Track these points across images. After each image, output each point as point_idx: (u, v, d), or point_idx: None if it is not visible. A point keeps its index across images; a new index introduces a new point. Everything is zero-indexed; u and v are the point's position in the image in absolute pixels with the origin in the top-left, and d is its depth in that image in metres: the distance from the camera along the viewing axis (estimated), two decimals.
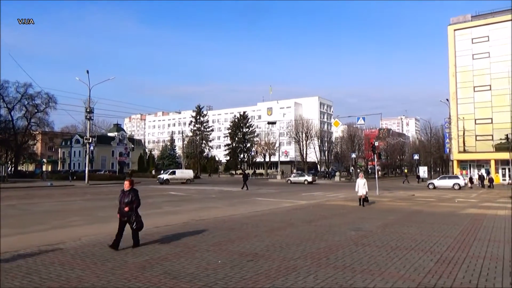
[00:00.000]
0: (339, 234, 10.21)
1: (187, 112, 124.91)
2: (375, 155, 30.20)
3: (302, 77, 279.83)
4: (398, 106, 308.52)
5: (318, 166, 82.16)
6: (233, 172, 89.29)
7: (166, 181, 44.09)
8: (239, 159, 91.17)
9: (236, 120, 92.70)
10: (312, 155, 77.05)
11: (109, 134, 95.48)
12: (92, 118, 42.66)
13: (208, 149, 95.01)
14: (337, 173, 63.74)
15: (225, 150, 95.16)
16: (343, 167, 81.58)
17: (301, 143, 73.15)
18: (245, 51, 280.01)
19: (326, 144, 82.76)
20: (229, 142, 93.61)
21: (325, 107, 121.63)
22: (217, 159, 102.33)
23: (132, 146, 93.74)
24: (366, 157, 78.57)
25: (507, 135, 46.55)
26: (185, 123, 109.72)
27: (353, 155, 63.76)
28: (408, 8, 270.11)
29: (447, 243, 9.16)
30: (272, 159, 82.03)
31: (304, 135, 73.14)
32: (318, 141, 77.33)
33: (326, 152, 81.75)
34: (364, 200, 18.06)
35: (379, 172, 71.98)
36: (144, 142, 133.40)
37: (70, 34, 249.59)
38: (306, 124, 75.13)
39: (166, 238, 9.47)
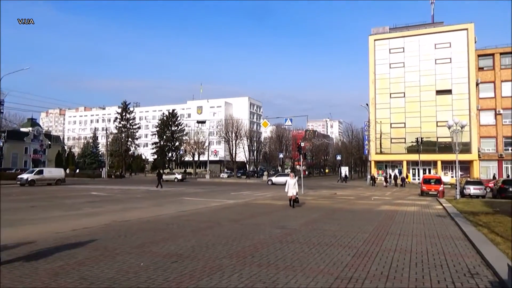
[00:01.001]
0: (265, 233, 10.41)
1: (112, 108, 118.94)
2: (301, 155, 31.37)
3: (233, 77, 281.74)
4: (324, 109, 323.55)
5: (247, 166, 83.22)
6: (161, 171, 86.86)
7: (31, 182, 36.49)
8: (167, 158, 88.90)
9: (165, 118, 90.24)
10: (241, 155, 77.83)
11: (22, 130, 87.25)
12: (1, 111, 38.67)
13: (135, 147, 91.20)
14: (265, 173, 65.10)
15: (153, 148, 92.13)
16: (271, 166, 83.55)
17: (230, 142, 73.49)
18: (174, 48, 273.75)
19: (255, 144, 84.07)
20: (157, 140, 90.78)
21: (255, 107, 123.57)
22: (144, 157, 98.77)
23: (49, 142, 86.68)
24: (293, 157, 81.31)
25: (417, 138, 51.24)
26: (109, 120, 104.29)
27: (281, 155, 65.61)
28: (336, 16, 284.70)
29: (363, 238, 9.80)
30: (201, 158, 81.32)
31: (234, 134, 73.59)
32: (247, 141, 78.30)
33: (255, 152, 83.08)
34: (295, 201, 17.24)
35: (306, 172, 75.14)
36: (63, 138, 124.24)
37: None
38: (236, 124, 75.63)
39: (84, 241, 8.88)
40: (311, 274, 6.26)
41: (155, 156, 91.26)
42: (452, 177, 49.62)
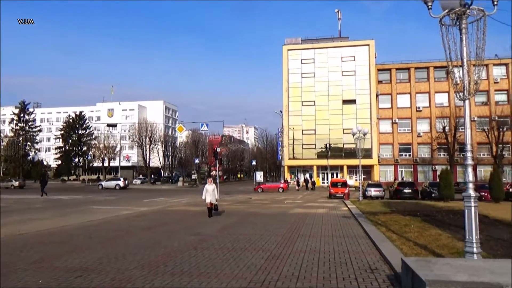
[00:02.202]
0: (179, 240, 10.18)
1: (8, 109, 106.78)
2: (217, 161, 31.44)
3: (148, 80, 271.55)
4: (241, 115, 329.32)
5: (162, 171, 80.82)
6: (65, 178, 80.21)
7: None
8: (73, 164, 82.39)
9: (71, 120, 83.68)
10: (156, 160, 75.39)
11: None
12: None
13: (35, 152, 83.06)
14: (181, 178, 63.89)
15: (56, 153, 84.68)
16: (186, 172, 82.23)
17: (144, 147, 70.75)
18: (80, 44, 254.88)
19: (170, 149, 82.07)
20: (61, 144, 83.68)
21: (171, 111, 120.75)
22: (45, 163, 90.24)
23: None
24: (209, 162, 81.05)
25: (326, 144, 54.66)
26: (4, 121, 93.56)
27: (197, 161, 64.95)
28: (251, 23, 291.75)
29: (276, 240, 10.11)
30: (112, 164, 76.86)
31: (147, 139, 70.98)
32: (162, 145, 76.12)
33: (170, 157, 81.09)
34: (214, 209, 15.62)
35: (222, 177, 75.37)
36: None
37: None
38: (150, 128, 73.08)
39: None
40: (225, 280, 6.26)
41: (59, 162, 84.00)
42: (356, 180, 53.77)
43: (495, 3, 6.52)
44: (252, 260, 7.72)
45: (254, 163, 70.23)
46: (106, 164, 74.83)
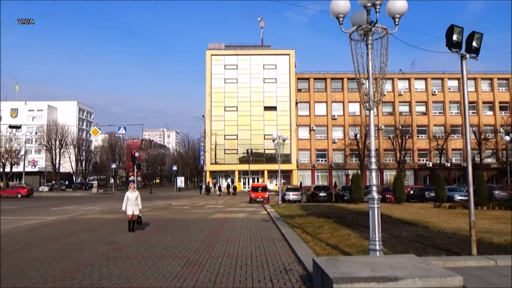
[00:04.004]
0: (90, 250, 9.53)
1: None
2: (135, 166, 30.16)
3: (60, 78, 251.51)
4: (162, 119, 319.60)
5: (74, 177, 75.22)
6: None
7: None
8: None
9: None
10: (67, 165, 69.94)
11: None
12: None
13: None
14: (95, 184, 60.10)
15: None
16: (102, 177, 77.61)
17: (53, 151, 65.20)
18: None
19: (84, 153, 76.78)
20: None
21: (85, 113, 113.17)
22: None
23: None
24: (127, 167, 77.46)
25: (247, 149, 55.48)
26: None
27: (113, 165, 61.62)
28: (175, 26, 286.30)
29: (194, 246, 9.97)
30: (15, 169, 69.47)
31: (58, 142, 65.55)
32: (74, 150, 70.90)
33: (84, 162, 75.85)
34: (137, 222, 13.11)
35: (143, 183, 72.47)
36: None
37: None
38: (61, 131, 67.64)
39: None
40: None
41: None
42: (276, 184, 55.40)
43: (396, 23, 7.22)
44: (169, 268, 7.51)
45: (175, 168, 68.73)
46: (7, 169, 67.43)
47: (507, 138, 26.97)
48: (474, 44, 8.06)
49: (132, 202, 12.90)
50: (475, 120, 58.46)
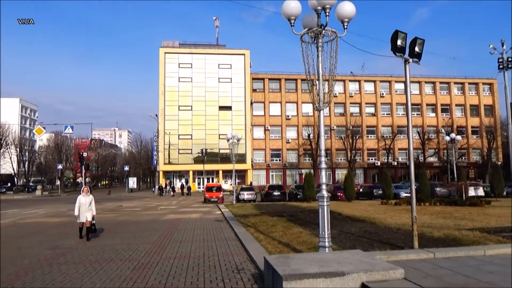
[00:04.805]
0: (31, 256, 9.00)
1: None
2: (83, 166, 28.86)
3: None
4: (113, 117, 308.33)
5: (16, 179, 70.58)
6: None
7: None
8: None
9: None
10: (8, 166, 65.52)
11: None
12: None
13: None
14: (39, 187, 56.80)
15: None
16: (47, 179, 73.51)
17: None
18: None
19: (27, 153, 72.28)
20: None
21: (28, 111, 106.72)
22: None
23: None
24: (75, 168, 73.95)
25: (202, 149, 54.97)
26: None
27: (60, 166, 58.53)
28: (127, 23, 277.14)
29: (145, 249, 9.72)
30: None
31: None
32: (16, 150, 66.57)
33: (27, 163, 71.39)
34: (90, 230, 11.67)
35: (92, 184, 69.40)
36: None
37: None
38: (1, 130, 63.23)
39: None
40: None
41: None
42: (231, 184, 55.36)
43: (345, 26, 7.47)
44: (117, 272, 7.27)
45: (127, 168, 66.63)
46: None
47: (448, 138, 28.80)
48: (416, 49, 8.51)
49: (85, 208, 11.57)
50: (419, 121, 61.90)
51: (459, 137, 30.82)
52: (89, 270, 7.43)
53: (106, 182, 69.57)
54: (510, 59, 33.19)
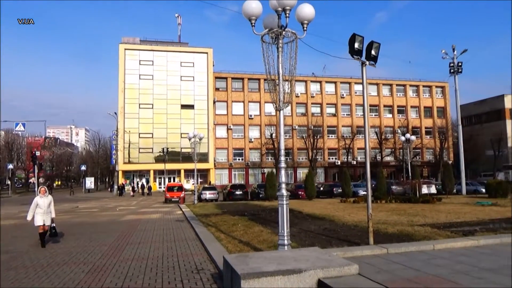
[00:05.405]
0: None
1: None
2: (35, 166, 27.48)
3: None
4: (70, 115, 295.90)
5: None
6: None
7: None
8: None
9: None
10: None
11: None
12: None
13: None
14: None
15: None
16: None
17: None
18: None
19: None
20: None
21: None
22: None
23: None
24: (28, 168, 70.32)
25: (163, 148, 54.00)
26: None
27: (10, 166, 55.39)
28: (84, 19, 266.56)
29: (101, 251, 9.42)
30: None
31: None
32: None
33: None
34: (51, 234, 10.74)
35: (46, 185, 66.13)
36: None
37: None
38: None
39: None
40: None
41: None
42: (193, 184, 54.77)
43: (305, 28, 7.60)
44: (71, 275, 7.00)
45: (84, 168, 64.21)
46: None
47: (403, 138, 30.04)
48: (373, 52, 8.81)
49: (43, 210, 10.35)
50: (377, 122, 64.14)
51: (413, 137, 32.23)
52: (40, 275, 7.10)
53: (60, 182, 66.57)
54: (460, 64, 35.22)
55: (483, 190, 30.08)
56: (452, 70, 34.89)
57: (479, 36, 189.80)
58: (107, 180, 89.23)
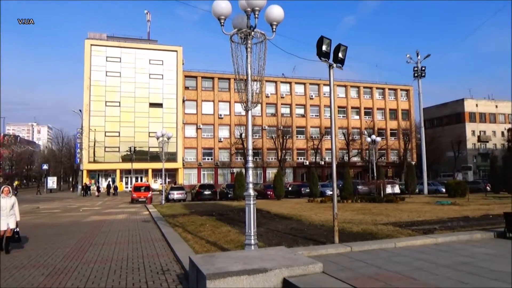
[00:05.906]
0: None
1: None
2: None
3: None
4: (31, 112, 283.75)
5: None
6: None
7: None
8: None
9: None
10: None
11: None
12: None
13: None
14: None
15: None
16: None
17: None
18: None
19: None
20: None
21: None
22: None
23: None
24: None
25: (130, 147, 52.80)
26: None
27: None
28: (48, 13, 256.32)
29: (63, 253, 9.11)
30: None
31: None
32: None
33: None
34: (12, 239, 9.60)
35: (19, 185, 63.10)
36: None
37: None
38: None
39: None
40: None
41: None
42: (161, 184, 53.89)
43: (274, 29, 7.66)
44: (29, 279, 6.73)
45: (45, 167, 61.80)
46: None
47: (369, 139, 30.87)
48: (340, 55, 9.02)
49: (5, 212, 9.40)
50: (344, 123, 65.52)
51: (379, 139, 33.17)
52: None
53: (19, 182, 63.73)
54: (423, 68, 36.57)
55: (443, 190, 31.42)
56: (416, 74, 36.18)
57: (444, 41, 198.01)
58: (70, 180, 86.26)
